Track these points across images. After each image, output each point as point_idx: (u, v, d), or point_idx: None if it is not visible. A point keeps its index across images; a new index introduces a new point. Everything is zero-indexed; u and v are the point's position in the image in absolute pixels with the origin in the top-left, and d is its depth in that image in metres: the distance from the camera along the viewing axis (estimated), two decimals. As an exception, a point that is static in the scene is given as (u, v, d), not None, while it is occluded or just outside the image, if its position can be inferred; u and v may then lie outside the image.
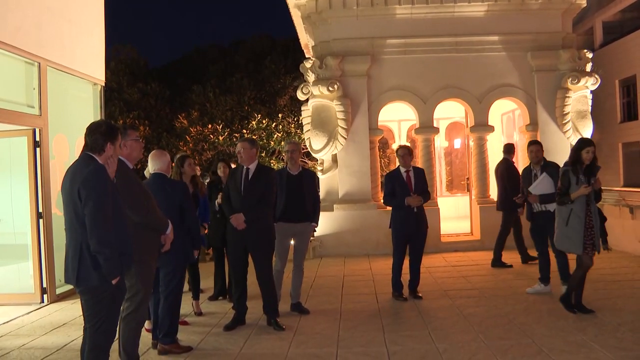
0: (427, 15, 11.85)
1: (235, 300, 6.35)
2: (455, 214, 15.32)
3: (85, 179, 3.75)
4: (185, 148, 20.19)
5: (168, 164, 5.59)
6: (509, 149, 9.86)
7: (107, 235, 3.70)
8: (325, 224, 11.39)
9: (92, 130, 3.97)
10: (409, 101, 12.03)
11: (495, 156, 13.98)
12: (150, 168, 5.55)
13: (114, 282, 3.78)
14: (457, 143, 16.59)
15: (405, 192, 7.23)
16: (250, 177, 6.08)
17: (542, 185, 7.15)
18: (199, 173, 7.40)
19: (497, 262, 9.44)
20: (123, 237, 3.87)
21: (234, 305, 6.39)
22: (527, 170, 7.58)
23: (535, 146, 7.53)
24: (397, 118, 15.40)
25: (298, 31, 15.95)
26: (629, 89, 21.72)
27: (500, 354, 5.02)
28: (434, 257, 10.31)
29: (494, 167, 9.87)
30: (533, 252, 8.69)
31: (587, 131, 11.74)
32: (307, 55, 16.45)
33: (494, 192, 12.52)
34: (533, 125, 11.88)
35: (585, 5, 12.28)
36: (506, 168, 9.64)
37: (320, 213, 11.61)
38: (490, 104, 12.02)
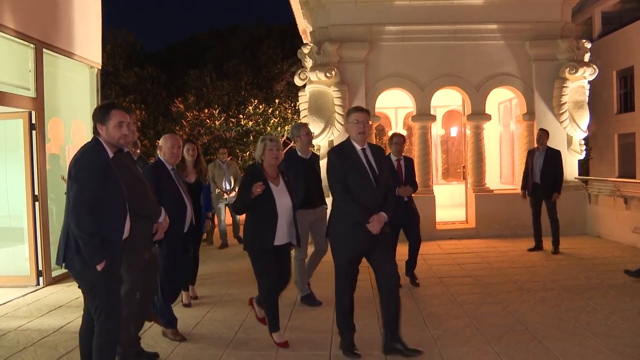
0: (426, 2, 11.80)
1: (343, 321, 5.01)
2: (450, 202, 15.36)
3: (77, 158, 3.77)
4: (181, 132, 20.12)
5: (166, 150, 5.53)
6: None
7: (86, 219, 3.62)
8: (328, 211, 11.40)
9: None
10: (407, 88, 12.01)
11: (491, 144, 14.03)
12: None
13: (98, 268, 3.68)
14: (454, 131, 16.59)
15: (396, 182, 7.02)
16: (372, 160, 4.82)
17: None
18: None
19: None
20: (112, 223, 3.77)
21: (341, 331, 5.02)
22: None
23: None
24: (394, 105, 15.38)
25: (296, 17, 15.87)
26: (626, 80, 21.73)
27: (494, 340, 5.06)
28: (429, 245, 10.34)
29: (490, 155, 9.88)
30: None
31: (584, 122, 11.76)
32: (304, 41, 16.39)
33: (490, 181, 12.58)
34: (530, 114, 11.89)
35: (585, -6, 12.25)
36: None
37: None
38: (488, 92, 12.01)
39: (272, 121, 19.31)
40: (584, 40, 11.98)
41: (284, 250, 5.23)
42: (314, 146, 11.66)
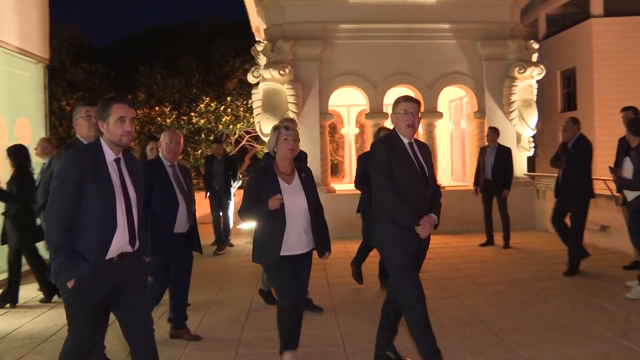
0: (380, 1, 11.92)
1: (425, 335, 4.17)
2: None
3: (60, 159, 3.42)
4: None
5: (165, 145, 5.36)
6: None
7: (54, 231, 3.21)
8: (276, 208, 11.40)
9: None
10: (360, 86, 12.11)
11: (443, 142, 14.26)
12: None
13: (68, 285, 3.23)
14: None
15: None
16: (420, 156, 4.23)
17: (625, 169, 6.46)
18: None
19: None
20: (91, 238, 3.24)
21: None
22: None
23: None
24: (347, 103, 15.47)
25: (249, 14, 15.79)
26: (569, 80, 22.38)
27: (451, 334, 5.15)
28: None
29: (441, 152, 10.00)
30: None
31: (533, 119, 12.09)
32: (257, 39, 16.32)
33: (442, 178, 12.78)
34: (481, 112, 12.15)
35: (532, -3, 12.60)
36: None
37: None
38: (440, 90, 12.24)
39: (224, 119, 19.13)
40: (532, 41, 12.33)
41: (302, 261, 4.38)
42: (255, 147, 11.52)
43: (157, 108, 19.66)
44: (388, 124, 14.65)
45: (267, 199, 4.09)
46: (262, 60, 11.73)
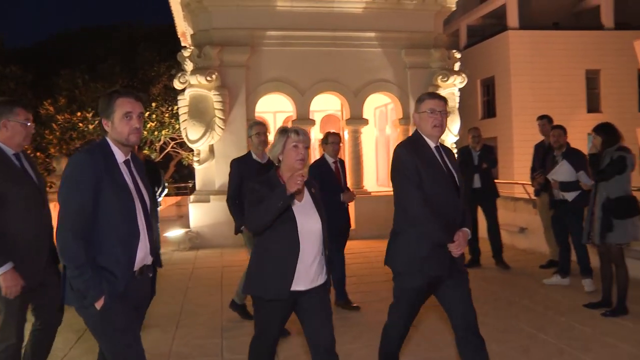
0: (307, 8, 12.04)
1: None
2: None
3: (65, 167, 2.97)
4: (51, 137, 19.11)
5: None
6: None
7: (72, 245, 2.78)
8: (202, 215, 11.32)
9: None
10: (287, 93, 12.19)
11: (368, 148, 14.52)
12: None
13: (96, 306, 2.81)
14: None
15: (336, 186, 6.33)
16: (448, 162, 3.72)
17: (561, 171, 6.73)
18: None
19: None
20: (114, 249, 2.86)
21: None
22: (551, 156, 7.15)
23: (557, 130, 7.00)
24: (273, 109, 15.51)
25: (175, 19, 15.60)
26: (489, 89, 23.28)
27: (379, 335, 5.26)
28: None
29: (367, 158, 10.20)
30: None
31: (455, 126, 12.51)
32: (183, 44, 16.15)
33: (367, 183, 13.02)
34: (405, 119, 12.46)
35: (454, 8, 13.04)
36: None
37: (197, 204, 11.60)
38: (366, 97, 12.48)
39: (148, 125, 18.81)
40: (454, 51, 12.76)
41: (315, 298, 3.42)
42: (180, 154, 11.37)
43: (79, 113, 19.11)
44: (314, 130, 14.81)
45: (277, 224, 3.28)
46: (188, 66, 11.61)
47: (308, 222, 3.37)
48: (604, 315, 5.73)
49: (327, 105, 15.04)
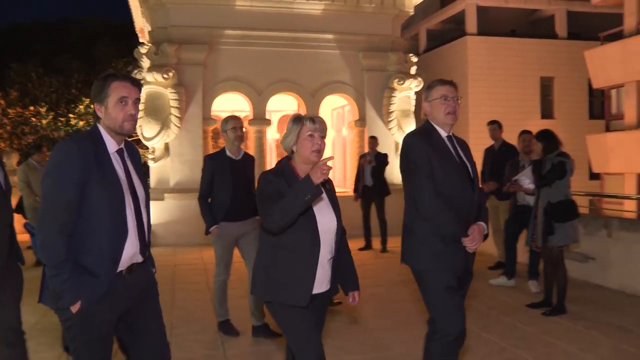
0: (266, 8, 12.06)
1: None
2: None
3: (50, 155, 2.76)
4: (1, 131, 18.67)
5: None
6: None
7: (54, 240, 2.56)
8: (156, 213, 11.20)
9: None
10: (244, 92, 12.19)
11: (326, 149, 14.58)
12: None
13: (72, 310, 2.59)
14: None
15: None
16: (462, 151, 3.53)
17: (528, 176, 6.72)
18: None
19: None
20: (98, 246, 2.63)
21: None
22: (515, 160, 7.35)
23: (527, 135, 7.18)
24: (230, 108, 15.43)
25: (133, 14, 15.43)
26: (447, 93, 23.63)
27: (332, 335, 5.30)
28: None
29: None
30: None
31: (410, 129, 12.66)
32: (141, 40, 15.98)
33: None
34: (362, 121, 12.58)
35: (413, 12, 13.24)
36: None
37: (151, 202, 11.42)
38: (322, 98, 12.57)
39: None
40: (411, 55, 12.94)
41: (322, 305, 3.21)
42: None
43: (31, 108, 18.72)
44: (270, 130, 14.80)
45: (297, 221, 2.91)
46: (145, 62, 11.50)
47: (325, 219, 3.04)
48: (544, 314, 5.92)
49: (284, 105, 15.05)
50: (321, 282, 3.03)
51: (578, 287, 6.93)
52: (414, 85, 12.69)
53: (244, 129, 5.35)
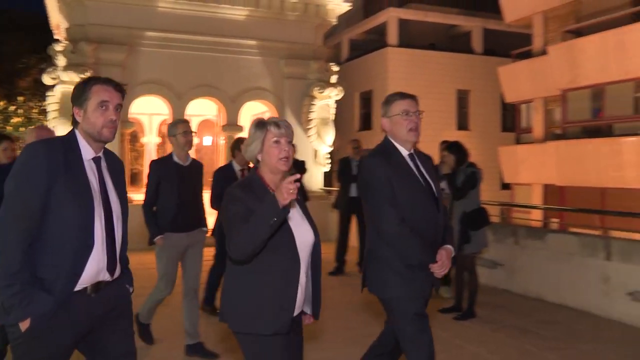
0: (189, 11, 11.95)
1: None
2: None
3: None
4: None
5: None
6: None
7: (9, 247, 2.34)
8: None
9: None
10: (164, 95, 12.02)
11: (246, 155, 14.57)
12: None
13: (21, 327, 2.34)
14: (208, 140, 16.92)
15: None
16: (425, 171, 3.32)
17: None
18: None
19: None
20: (58, 261, 2.40)
21: None
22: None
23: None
24: (149, 112, 15.20)
25: (49, 9, 14.85)
26: (367, 102, 24.04)
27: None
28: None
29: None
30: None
31: (329, 137, 12.88)
32: (56, 37, 15.42)
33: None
34: (282, 128, 12.63)
35: (335, 22, 13.45)
36: None
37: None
38: (242, 104, 12.59)
39: (14, 120, 17.78)
40: (332, 64, 13.15)
41: (297, 328, 2.85)
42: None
43: None
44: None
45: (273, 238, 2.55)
46: (61, 61, 11.13)
47: (302, 233, 2.73)
48: (456, 319, 6.17)
49: (204, 110, 14.95)
50: (301, 303, 2.76)
51: (487, 293, 7.25)
52: (334, 94, 12.90)
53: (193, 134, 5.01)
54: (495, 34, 23.77)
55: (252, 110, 14.34)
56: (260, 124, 2.73)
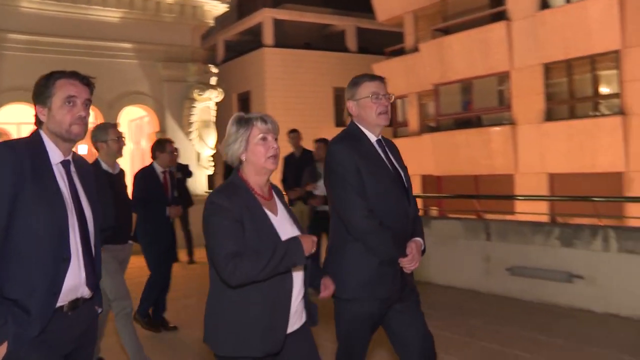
0: (58, 13, 11.42)
1: None
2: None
3: None
4: None
5: None
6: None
7: None
8: None
9: None
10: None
11: (124, 161, 14.09)
12: None
13: None
14: (84, 149, 16.17)
15: (163, 199, 5.72)
16: (393, 158, 3.06)
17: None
18: None
19: None
20: (30, 277, 2.11)
21: None
22: (313, 167, 7.42)
23: (321, 144, 7.27)
24: (17, 121, 14.29)
25: None
26: (245, 102, 24.01)
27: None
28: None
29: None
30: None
31: (211, 139, 12.79)
32: None
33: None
34: (162, 132, 12.41)
35: (213, 23, 13.33)
36: None
37: None
38: (121, 109, 12.22)
39: None
40: (211, 66, 13.09)
41: (302, 340, 2.55)
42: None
43: None
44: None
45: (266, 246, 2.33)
46: None
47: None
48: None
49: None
50: (295, 318, 2.48)
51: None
52: (214, 96, 12.83)
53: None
54: (369, 33, 24.55)
55: (130, 116, 13.94)
56: (242, 120, 2.45)
